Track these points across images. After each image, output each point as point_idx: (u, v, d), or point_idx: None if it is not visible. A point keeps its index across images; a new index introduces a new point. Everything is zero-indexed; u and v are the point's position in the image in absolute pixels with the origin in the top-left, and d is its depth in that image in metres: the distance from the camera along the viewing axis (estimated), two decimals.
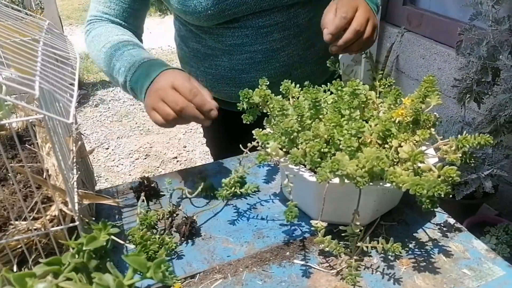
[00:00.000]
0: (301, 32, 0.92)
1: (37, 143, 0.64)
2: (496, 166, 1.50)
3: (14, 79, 0.47)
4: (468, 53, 1.53)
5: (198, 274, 0.63)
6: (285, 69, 0.94)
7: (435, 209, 0.74)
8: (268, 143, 0.63)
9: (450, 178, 0.55)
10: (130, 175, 2.40)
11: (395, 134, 0.63)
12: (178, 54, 1.07)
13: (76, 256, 0.46)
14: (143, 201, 0.77)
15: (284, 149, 0.65)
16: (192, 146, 2.70)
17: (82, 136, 0.73)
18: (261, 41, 0.90)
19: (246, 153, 0.69)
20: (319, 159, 0.61)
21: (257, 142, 0.68)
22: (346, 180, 0.58)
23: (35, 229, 0.50)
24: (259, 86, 0.72)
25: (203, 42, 0.94)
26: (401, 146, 0.61)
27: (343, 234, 0.62)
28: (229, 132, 1.07)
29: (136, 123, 2.95)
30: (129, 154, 2.61)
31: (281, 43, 0.91)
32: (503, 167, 1.51)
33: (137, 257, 0.42)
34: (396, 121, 0.64)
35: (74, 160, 0.61)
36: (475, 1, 1.46)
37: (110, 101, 3.26)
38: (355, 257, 0.60)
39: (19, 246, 0.51)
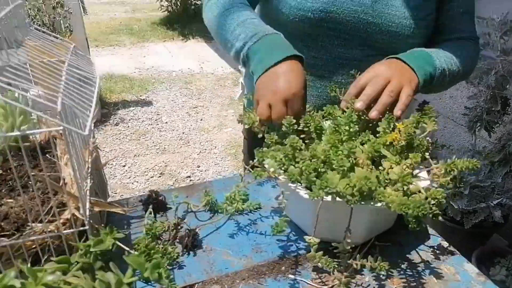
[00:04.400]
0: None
1: (57, 154, 0.70)
2: (506, 195, 1.49)
3: (41, 95, 0.53)
4: (477, 82, 1.56)
5: (196, 284, 0.66)
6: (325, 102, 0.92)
7: (431, 233, 0.76)
8: (264, 160, 0.67)
9: (436, 200, 0.58)
10: (144, 192, 2.47)
11: (388, 157, 0.67)
12: None
13: (84, 257, 0.51)
14: (150, 213, 0.81)
15: (282, 168, 0.69)
16: (205, 166, 2.75)
17: (98, 149, 0.79)
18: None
19: (249, 170, 0.73)
20: (314, 178, 0.64)
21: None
22: (337, 198, 0.61)
23: (49, 231, 0.55)
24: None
25: None
26: (392, 168, 0.64)
27: (335, 251, 0.65)
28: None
29: (153, 142, 3.04)
30: (145, 172, 2.68)
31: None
32: None
33: (137, 257, 0.47)
34: (388, 144, 0.67)
35: (89, 170, 0.66)
36: (484, 32, 1.50)
37: (129, 120, 3.37)
38: (345, 274, 0.63)
39: (34, 246, 0.56)
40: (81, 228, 0.56)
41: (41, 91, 0.56)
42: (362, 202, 0.61)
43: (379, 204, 0.61)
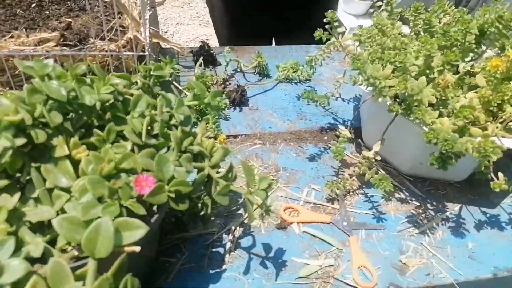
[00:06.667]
0: None
1: None
2: None
3: None
4: None
5: (240, 136, 0.68)
6: None
7: None
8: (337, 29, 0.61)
9: (483, 152, 0.45)
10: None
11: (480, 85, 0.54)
12: None
13: (144, 79, 0.52)
14: (200, 64, 0.81)
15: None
16: None
17: None
18: None
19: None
20: (377, 65, 0.55)
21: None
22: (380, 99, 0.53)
23: (111, 50, 0.55)
24: None
25: None
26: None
27: (363, 153, 0.60)
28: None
29: (196, 13, 2.93)
30: (186, 42, 2.64)
31: None
32: None
33: (200, 83, 0.47)
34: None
35: (148, 2, 0.64)
36: None
37: None
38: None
39: (94, 62, 0.56)
40: (141, 53, 0.56)
41: None
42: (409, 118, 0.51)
43: (417, 121, 0.50)
